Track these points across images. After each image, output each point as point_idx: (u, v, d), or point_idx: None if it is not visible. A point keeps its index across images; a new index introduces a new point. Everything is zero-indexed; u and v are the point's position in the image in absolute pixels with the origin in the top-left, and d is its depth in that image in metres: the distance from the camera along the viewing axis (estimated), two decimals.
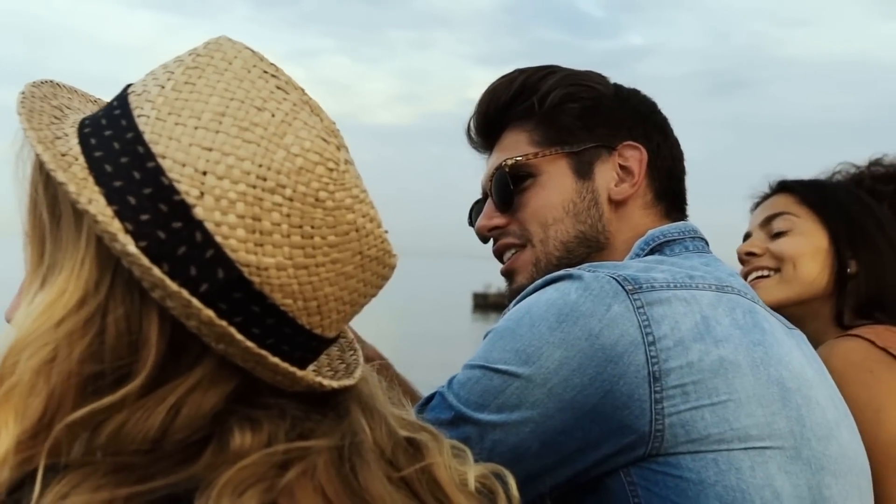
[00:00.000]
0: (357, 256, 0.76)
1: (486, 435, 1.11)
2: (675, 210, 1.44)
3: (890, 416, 1.52)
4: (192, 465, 0.70)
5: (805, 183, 1.89)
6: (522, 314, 1.16)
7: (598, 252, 1.39)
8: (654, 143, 1.43)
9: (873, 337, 1.62)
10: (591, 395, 1.09)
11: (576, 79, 1.44)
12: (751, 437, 1.08)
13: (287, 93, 0.76)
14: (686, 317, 1.12)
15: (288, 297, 0.73)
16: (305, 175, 0.72)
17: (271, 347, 0.74)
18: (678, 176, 1.46)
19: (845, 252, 1.77)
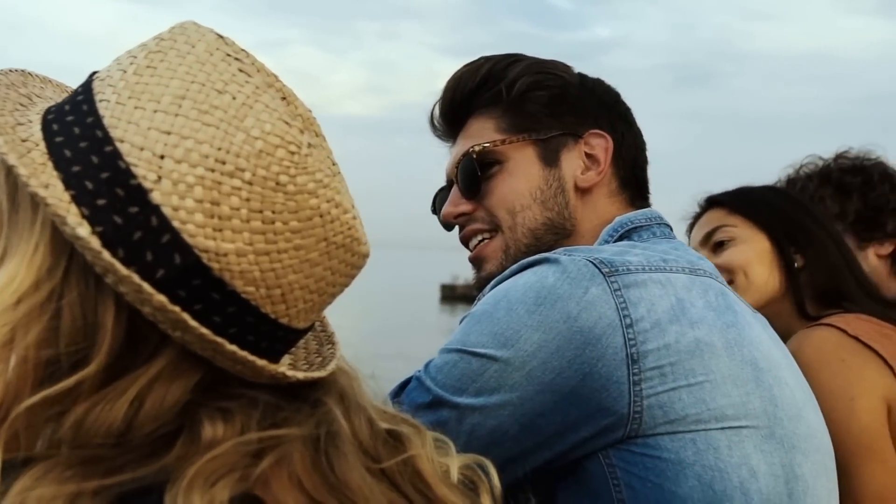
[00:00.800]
0: (322, 243, 0.74)
1: (465, 419, 1.11)
2: (639, 198, 1.46)
3: (863, 404, 1.53)
4: (162, 458, 0.69)
5: (732, 193, 1.93)
6: (500, 298, 1.16)
7: (564, 239, 1.40)
8: (619, 132, 1.44)
9: (844, 325, 1.63)
10: (570, 378, 1.09)
11: (542, 67, 1.44)
12: (727, 416, 1.09)
13: (250, 76, 0.75)
14: (662, 299, 1.13)
15: (250, 285, 0.72)
16: (265, 158, 0.71)
17: (234, 336, 0.72)
18: (642, 165, 1.48)
19: (788, 248, 1.81)
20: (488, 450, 1.00)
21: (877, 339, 1.63)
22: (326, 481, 0.73)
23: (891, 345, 1.63)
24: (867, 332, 1.63)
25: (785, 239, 1.82)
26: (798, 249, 1.82)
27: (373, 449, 0.78)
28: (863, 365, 1.58)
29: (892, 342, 1.64)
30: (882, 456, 1.54)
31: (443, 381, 1.14)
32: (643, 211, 1.40)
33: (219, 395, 0.74)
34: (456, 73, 1.48)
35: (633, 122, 1.49)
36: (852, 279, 1.82)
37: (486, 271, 1.44)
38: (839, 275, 1.80)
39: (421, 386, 1.16)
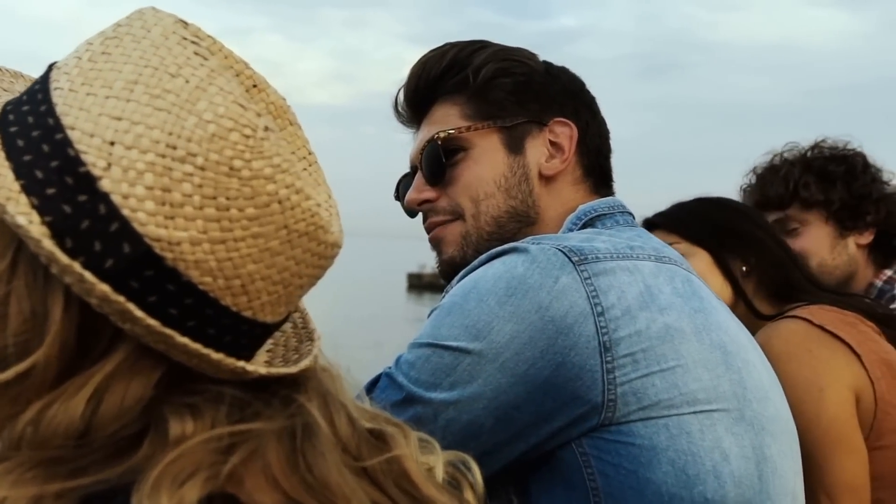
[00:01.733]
0: (282, 231, 0.71)
1: (440, 414, 1.11)
2: (603, 186, 1.46)
3: (832, 395, 1.54)
4: (129, 458, 0.67)
5: (664, 214, 1.95)
6: (469, 289, 1.15)
7: (528, 227, 1.39)
8: (583, 120, 1.44)
9: (809, 316, 1.65)
10: (544, 368, 1.09)
11: (508, 54, 1.44)
12: (699, 400, 1.10)
13: (205, 59, 0.72)
14: (631, 286, 1.14)
15: (206, 275, 0.69)
16: (218, 142, 0.68)
17: (192, 329, 0.70)
18: (605, 154, 1.48)
19: (725, 258, 1.83)
20: (464, 444, 1.00)
21: (841, 327, 1.64)
22: (304, 480, 0.71)
23: (855, 332, 1.64)
24: (832, 321, 1.64)
25: (722, 249, 1.84)
26: (740, 255, 1.84)
27: (354, 448, 0.76)
28: (830, 355, 1.59)
29: (856, 329, 1.65)
30: (852, 446, 1.55)
31: (415, 377, 1.13)
32: (606, 199, 1.40)
33: (185, 392, 0.71)
34: (421, 59, 1.47)
35: (597, 111, 1.48)
36: (799, 273, 1.85)
37: (447, 254, 1.43)
38: (786, 270, 1.83)
39: (393, 383, 1.15)
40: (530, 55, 1.46)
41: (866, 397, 1.59)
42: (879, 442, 1.59)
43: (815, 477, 1.52)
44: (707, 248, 1.85)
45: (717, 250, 1.84)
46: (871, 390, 1.59)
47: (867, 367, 1.60)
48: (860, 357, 1.61)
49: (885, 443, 1.59)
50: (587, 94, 1.49)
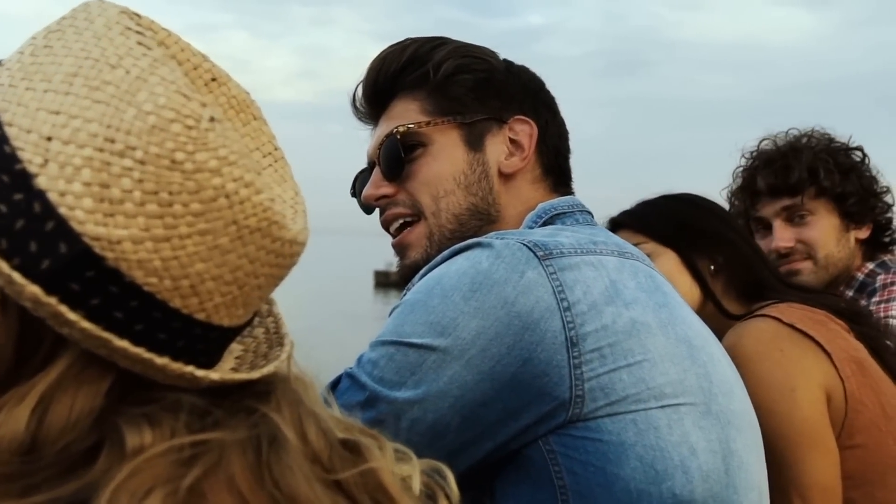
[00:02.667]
0: (232, 227, 0.67)
1: (404, 414, 1.08)
2: (562, 185, 1.45)
3: (803, 395, 1.54)
4: (84, 473, 0.63)
5: (631, 213, 1.93)
6: (433, 285, 1.14)
7: (489, 224, 1.38)
8: (543, 119, 1.43)
9: (779, 315, 1.64)
10: (510, 364, 1.08)
11: (468, 51, 1.43)
12: (665, 394, 1.10)
13: (149, 48, 0.68)
14: (596, 281, 1.13)
15: (151, 276, 0.65)
16: (158, 134, 0.64)
17: (139, 334, 0.66)
18: (565, 153, 1.47)
19: (694, 258, 1.81)
20: (430, 444, 0.99)
21: (811, 325, 1.63)
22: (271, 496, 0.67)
23: (825, 330, 1.64)
24: (801, 320, 1.63)
25: (689, 249, 1.82)
26: (708, 254, 1.82)
27: (326, 460, 0.72)
28: (801, 354, 1.58)
29: (825, 328, 1.65)
30: (824, 446, 1.54)
31: (378, 376, 1.10)
32: (565, 198, 1.40)
33: (139, 401, 0.67)
34: (380, 54, 1.45)
35: (556, 110, 1.48)
36: (768, 271, 1.83)
37: (410, 258, 1.42)
38: (755, 268, 1.82)
39: (355, 383, 1.12)
40: (491, 53, 1.45)
41: (837, 396, 1.59)
42: (851, 441, 1.58)
43: (787, 477, 1.52)
44: (674, 247, 1.83)
45: (684, 250, 1.83)
46: (842, 389, 1.59)
47: (837, 366, 1.60)
48: (830, 355, 1.60)
49: (856, 442, 1.58)
50: (547, 94, 1.48)
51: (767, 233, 2.18)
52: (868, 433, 1.59)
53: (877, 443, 1.59)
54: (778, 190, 2.13)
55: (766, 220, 2.18)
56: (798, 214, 2.13)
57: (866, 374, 1.62)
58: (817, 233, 2.12)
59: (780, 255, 2.12)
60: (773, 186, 2.14)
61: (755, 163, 2.21)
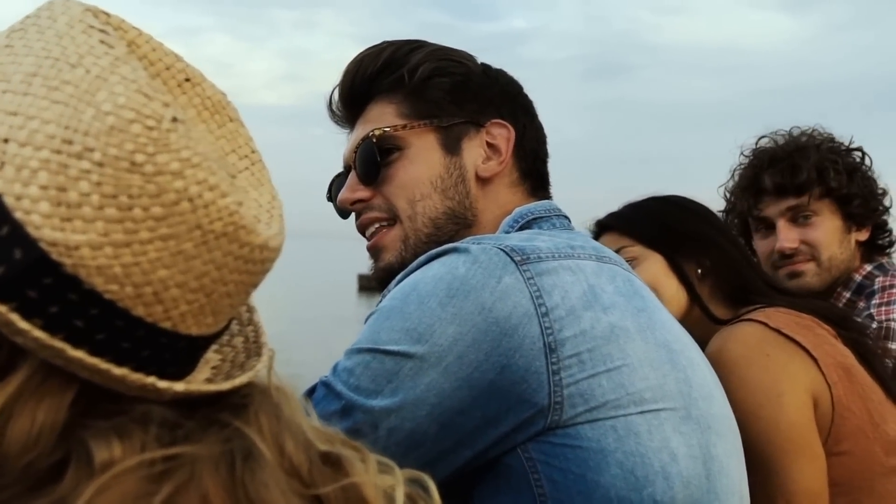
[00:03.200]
0: (196, 232, 0.64)
1: (381, 423, 1.07)
2: (540, 189, 1.44)
3: (791, 400, 1.53)
4: (53, 490, 0.61)
5: (617, 215, 1.90)
6: (409, 291, 1.12)
7: (465, 229, 1.37)
8: (521, 123, 1.42)
9: (765, 319, 1.62)
10: (488, 371, 1.07)
11: (445, 54, 1.42)
12: (645, 400, 1.09)
13: (111, 47, 0.66)
14: (574, 286, 1.12)
15: (112, 283, 0.62)
16: (117, 136, 0.61)
17: (102, 344, 0.63)
18: (543, 157, 1.46)
19: (680, 261, 1.79)
20: (408, 453, 0.98)
21: (798, 330, 1.61)
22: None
23: (812, 336, 1.63)
24: (788, 325, 1.62)
25: (676, 252, 1.80)
26: (695, 258, 1.80)
27: (306, 474, 0.69)
28: (788, 360, 1.57)
29: (812, 333, 1.64)
30: (812, 452, 1.53)
31: (355, 384, 1.08)
32: (542, 202, 1.39)
33: (107, 413, 0.64)
34: (357, 57, 1.44)
35: (535, 114, 1.47)
36: (755, 275, 1.81)
37: (385, 261, 1.41)
38: (742, 272, 1.80)
39: (330, 392, 1.10)
40: (468, 56, 1.44)
41: (824, 402, 1.57)
42: (837, 447, 1.57)
43: (774, 483, 1.51)
44: (661, 251, 1.81)
45: (670, 253, 1.80)
46: (829, 395, 1.57)
47: (824, 371, 1.58)
48: (817, 361, 1.59)
49: (842, 448, 1.57)
50: (525, 98, 1.47)
51: (770, 233, 2.15)
52: (855, 440, 1.58)
53: (864, 450, 1.58)
54: (784, 189, 2.09)
55: (769, 219, 2.14)
56: (803, 215, 2.10)
57: (853, 380, 1.61)
58: (821, 234, 2.09)
59: (783, 255, 2.10)
60: (779, 185, 2.10)
61: (759, 161, 2.16)
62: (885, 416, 1.61)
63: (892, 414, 1.63)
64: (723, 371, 1.47)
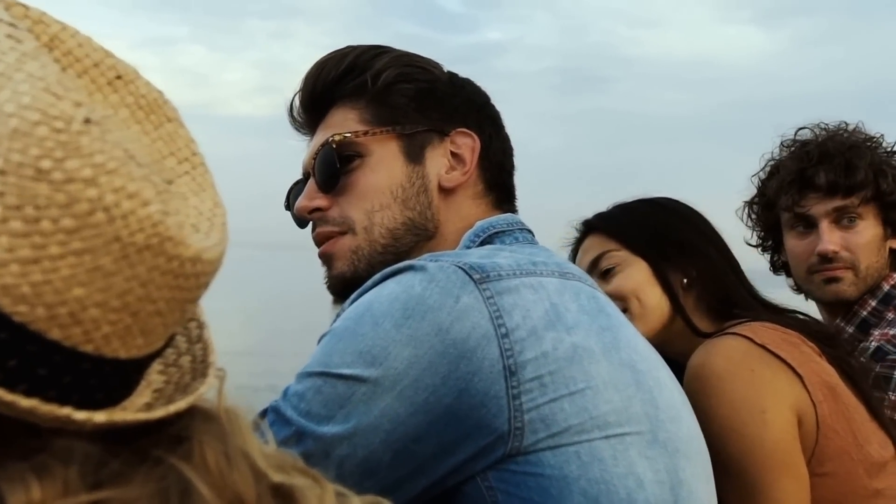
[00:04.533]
0: (114, 245, 0.57)
1: (333, 451, 1.02)
2: (505, 202, 1.39)
3: (775, 416, 1.49)
4: None
5: (605, 216, 1.84)
6: (362, 312, 1.07)
7: (426, 241, 1.32)
8: (486, 133, 1.38)
9: (751, 334, 1.57)
10: (445, 396, 1.02)
11: (410, 60, 1.37)
12: (609, 423, 1.05)
13: (19, 41, 0.60)
14: (536, 304, 1.08)
15: (20, 303, 0.55)
16: (21, 140, 0.54)
17: (13, 371, 0.56)
18: (509, 170, 1.41)
19: (666, 270, 1.73)
20: (361, 482, 0.93)
21: (783, 347, 1.57)
22: None
23: (798, 353, 1.59)
24: (774, 341, 1.57)
25: (662, 260, 1.74)
26: (681, 267, 1.74)
27: None
28: (772, 376, 1.53)
29: (798, 350, 1.60)
30: (796, 470, 1.50)
31: (306, 410, 1.04)
32: (504, 216, 1.34)
33: (24, 451, 0.58)
34: (319, 61, 1.38)
35: (501, 126, 1.42)
36: (742, 287, 1.76)
37: (337, 269, 1.35)
38: (729, 285, 1.74)
39: (280, 418, 1.05)
40: (434, 63, 1.40)
41: (808, 420, 1.52)
42: (821, 468, 1.52)
43: (757, 501, 1.48)
44: (646, 258, 1.74)
45: (656, 261, 1.74)
46: (814, 413, 1.52)
47: (809, 390, 1.53)
48: (802, 378, 1.54)
49: (826, 470, 1.52)
50: (492, 108, 1.43)
51: (809, 232, 2.04)
52: (839, 461, 1.53)
53: (847, 471, 1.53)
54: (836, 188, 1.98)
55: (812, 218, 2.03)
56: (848, 216, 2.00)
57: (838, 399, 1.57)
58: (864, 240, 2.00)
59: (824, 258, 2.01)
60: (832, 183, 1.98)
61: (808, 155, 2.03)
62: (869, 437, 1.58)
63: (875, 435, 1.60)
64: (705, 386, 1.43)
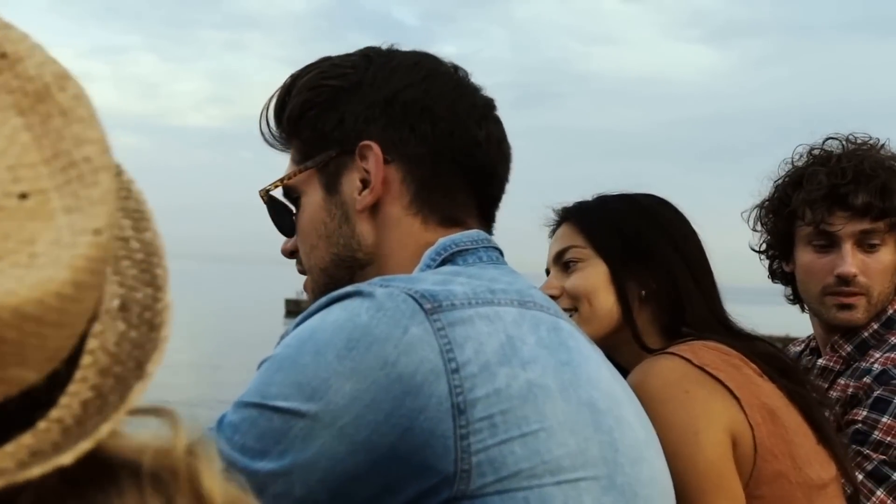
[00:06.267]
0: None
1: (267, 488, 0.96)
2: (459, 209, 1.23)
3: (708, 438, 1.46)
4: None
5: (582, 208, 1.75)
6: (304, 339, 1.00)
7: (361, 269, 1.23)
8: (400, 131, 1.20)
9: (690, 355, 1.52)
10: (388, 434, 0.95)
11: (318, 79, 1.24)
12: (563, 468, 0.98)
13: None
14: (491, 337, 1.00)
15: None
16: None
17: None
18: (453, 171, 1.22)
19: (623, 276, 1.65)
20: None
21: (722, 368, 1.51)
22: None
23: (738, 375, 1.53)
24: (713, 363, 1.52)
25: (623, 266, 1.65)
26: (641, 279, 1.65)
27: None
28: (708, 397, 1.48)
29: (739, 372, 1.54)
30: (730, 492, 1.47)
31: (240, 443, 0.97)
32: (469, 232, 1.20)
33: None
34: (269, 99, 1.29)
35: (441, 114, 1.21)
36: (704, 305, 1.66)
37: None
38: (687, 302, 1.64)
39: None
40: (352, 64, 1.24)
41: (745, 442, 1.48)
42: (757, 491, 1.48)
43: None
44: (608, 262, 1.65)
45: (617, 268, 1.64)
46: (751, 436, 1.48)
47: (747, 412, 1.48)
48: (740, 401, 1.49)
49: (762, 493, 1.49)
50: (416, 91, 1.21)
51: (829, 251, 1.92)
52: (777, 484, 1.49)
53: (785, 495, 1.50)
54: (869, 210, 1.86)
55: (836, 237, 1.90)
56: (870, 242, 1.89)
57: (777, 422, 1.51)
58: (881, 266, 1.90)
59: (843, 281, 1.90)
60: (867, 205, 1.86)
61: (840, 172, 1.89)
62: (811, 460, 1.53)
63: (818, 457, 1.55)
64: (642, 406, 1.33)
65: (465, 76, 1.27)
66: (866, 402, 1.80)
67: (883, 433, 1.75)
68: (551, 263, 1.73)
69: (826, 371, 1.96)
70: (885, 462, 1.74)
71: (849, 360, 1.93)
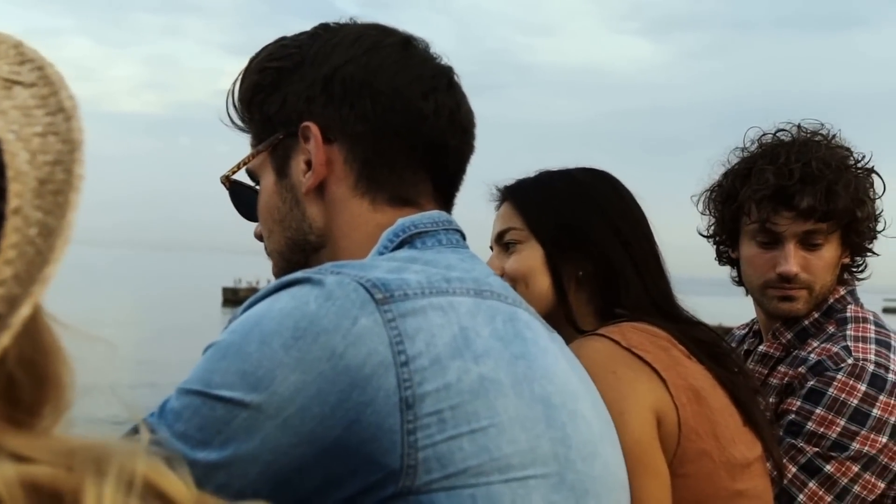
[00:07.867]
0: None
1: (208, 479, 0.92)
2: (402, 186, 1.18)
3: (633, 418, 1.47)
4: None
5: (520, 188, 1.73)
6: (251, 327, 0.97)
7: (315, 253, 1.20)
8: (340, 109, 1.16)
9: (618, 337, 1.53)
10: (333, 427, 0.93)
11: (266, 61, 1.21)
12: (512, 466, 0.96)
13: None
14: (443, 329, 0.98)
15: None
16: None
17: None
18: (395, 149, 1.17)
19: (558, 259, 1.66)
20: None
21: (649, 349, 1.53)
22: None
23: (664, 355, 1.55)
24: (641, 344, 1.53)
25: (558, 249, 1.66)
26: (578, 261, 1.66)
27: None
28: (634, 378, 1.50)
29: (666, 353, 1.56)
30: (654, 469, 1.49)
31: (181, 431, 0.94)
32: (429, 213, 1.17)
33: None
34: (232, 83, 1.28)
35: (382, 87, 1.16)
36: (641, 288, 1.66)
37: None
38: (622, 284, 1.65)
39: None
40: (299, 43, 1.20)
41: (669, 422, 1.50)
42: (682, 469, 1.51)
43: None
44: (543, 245, 1.66)
45: (552, 251, 1.65)
46: (675, 416, 1.50)
47: (672, 393, 1.51)
48: (665, 381, 1.51)
49: (686, 471, 1.51)
50: (355, 67, 1.16)
51: (772, 248, 1.95)
52: (700, 463, 1.52)
53: (708, 473, 1.53)
54: (813, 213, 1.88)
55: (780, 236, 1.93)
56: (814, 242, 1.92)
57: (703, 402, 1.54)
58: (824, 263, 1.93)
59: (784, 278, 1.94)
60: (811, 208, 1.88)
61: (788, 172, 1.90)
62: (735, 439, 1.56)
63: (743, 437, 1.58)
64: None
65: (416, 46, 1.21)
66: (800, 392, 1.82)
67: (816, 424, 1.77)
68: (494, 242, 1.75)
69: (766, 357, 2.00)
70: (818, 455, 1.76)
71: (788, 348, 1.96)
